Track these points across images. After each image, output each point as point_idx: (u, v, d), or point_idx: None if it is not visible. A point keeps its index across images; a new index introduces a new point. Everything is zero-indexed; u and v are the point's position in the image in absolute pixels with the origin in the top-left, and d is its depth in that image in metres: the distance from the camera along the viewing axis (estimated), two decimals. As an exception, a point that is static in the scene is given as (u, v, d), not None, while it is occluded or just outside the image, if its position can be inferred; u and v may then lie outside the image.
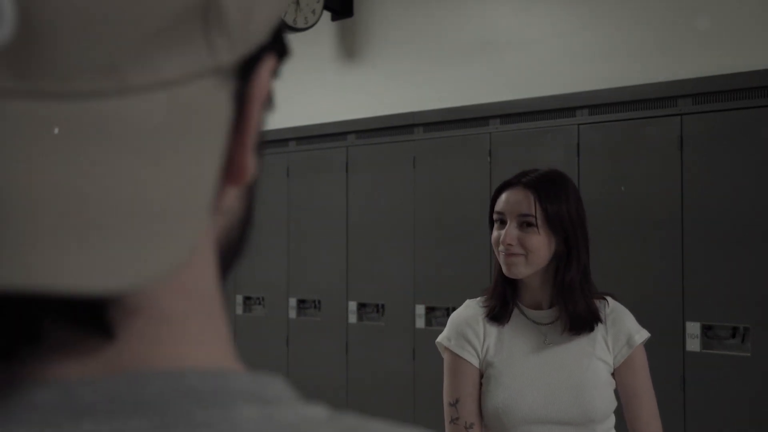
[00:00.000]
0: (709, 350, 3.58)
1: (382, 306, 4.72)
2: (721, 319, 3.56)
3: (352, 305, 4.84)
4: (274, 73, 0.44)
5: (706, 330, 3.60)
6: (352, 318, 4.84)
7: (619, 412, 2.11)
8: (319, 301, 5.05)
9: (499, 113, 4.30)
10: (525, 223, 2.05)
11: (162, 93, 0.35)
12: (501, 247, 2.06)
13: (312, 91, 5.37)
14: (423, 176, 4.58)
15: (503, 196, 2.10)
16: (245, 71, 0.40)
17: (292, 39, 5.23)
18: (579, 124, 4.00)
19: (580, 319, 2.06)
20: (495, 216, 2.11)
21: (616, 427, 2.09)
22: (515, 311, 2.11)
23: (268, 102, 0.44)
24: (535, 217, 2.04)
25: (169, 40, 0.35)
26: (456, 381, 2.07)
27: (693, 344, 3.60)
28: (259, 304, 5.43)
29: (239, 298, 5.50)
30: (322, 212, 5.05)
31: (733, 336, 3.54)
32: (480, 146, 4.34)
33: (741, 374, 3.49)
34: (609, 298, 2.13)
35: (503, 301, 2.11)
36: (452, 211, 4.44)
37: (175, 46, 0.35)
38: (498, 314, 2.09)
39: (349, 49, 5.21)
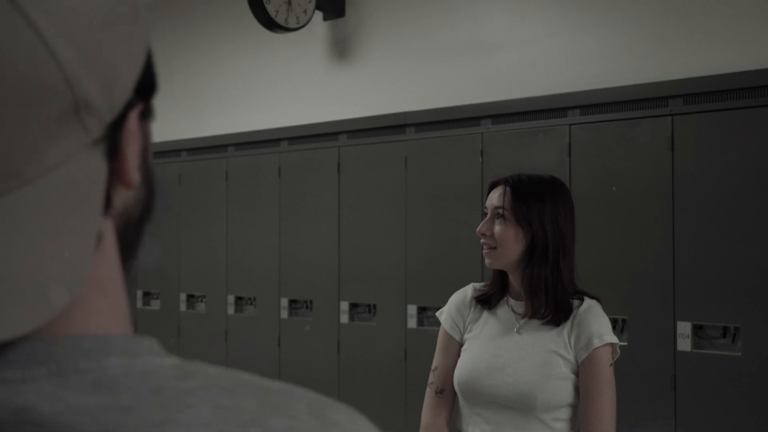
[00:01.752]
0: (699, 350, 3.59)
1: (374, 306, 4.72)
2: (711, 318, 3.57)
3: (344, 305, 4.84)
4: (146, 111, 0.57)
5: (696, 330, 3.61)
6: (344, 318, 4.84)
7: None
8: (311, 301, 5.05)
9: (491, 113, 4.30)
10: (497, 215, 2.26)
11: (50, 176, 0.48)
12: (482, 239, 2.28)
13: (303, 91, 5.36)
14: (415, 176, 4.58)
15: (491, 194, 2.32)
16: (114, 127, 0.52)
17: (284, 39, 5.23)
18: (570, 125, 4.00)
19: (544, 314, 2.22)
20: (484, 210, 2.33)
21: None
22: (503, 300, 2.31)
23: (149, 115, 0.57)
24: (504, 209, 2.24)
25: (53, 136, 0.48)
26: (440, 351, 2.35)
27: (684, 344, 3.61)
28: (251, 304, 5.42)
29: (231, 299, 5.49)
30: (314, 212, 5.05)
31: (724, 336, 3.55)
32: (472, 146, 4.34)
33: (732, 374, 3.50)
34: (587, 300, 2.23)
35: (496, 290, 2.32)
36: (444, 211, 4.44)
37: (58, 138, 0.48)
38: (486, 299, 2.32)
39: (341, 49, 5.20)
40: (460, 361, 2.29)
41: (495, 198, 2.27)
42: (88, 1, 0.49)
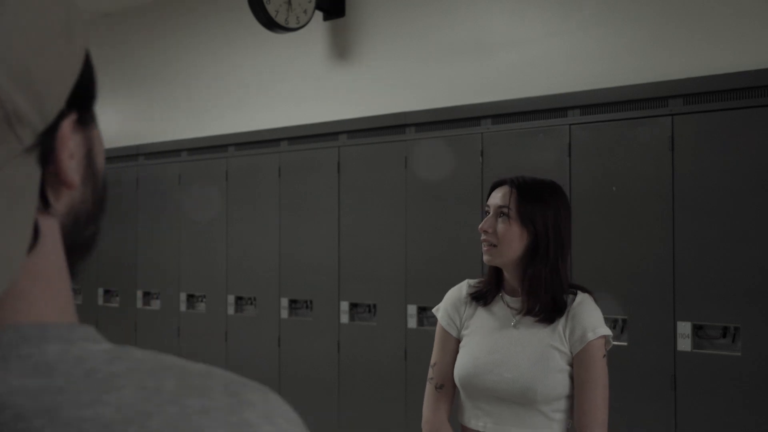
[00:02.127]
0: (699, 350, 3.59)
1: (374, 306, 4.72)
2: (711, 318, 3.57)
3: (344, 305, 4.84)
4: (86, 118, 0.63)
5: (696, 330, 3.61)
6: (344, 318, 4.84)
7: None
8: (311, 301, 5.05)
9: (491, 113, 4.30)
10: (501, 214, 2.32)
11: None
12: (482, 236, 2.33)
13: (304, 91, 5.36)
14: (415, 176, 4.58)
15: (493, 193, 2.38)
16: (47, 135, 0.58)
17: (284, 39, 5.23)
18: (570, 125, 4.01)
19: (541, 311, 2.28)
20: (485, 208, 2.39)
21: None
22: (498, 296, 2.37)
23: (90, 121, 0.63)
24: (509, 208, 2.31)
25: None
26: (438, 347, 2.41)
27: (684, 344, 3.61)
28: (251, 304, 5.42)
29: (231, 298, 5.49)
30: (314, 212, 5.05)
31: (724, 336, 3.55)
32: (472, 146, 4.34)
33: (732, 374, 3.50)
34: (580, 294, 2.32)
35: (491, 287, 2.38)
36: (444, 211, 4.44)
37: None
38: (481, 296, 2.37)
39: (341, 49, 5.20)
40: (459, 357, 2.35)
41: (499, 197, 2.33)
42: (20, 27, 0.55)
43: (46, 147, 0.58)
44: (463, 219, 4.26)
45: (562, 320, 2.27)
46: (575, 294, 2.31)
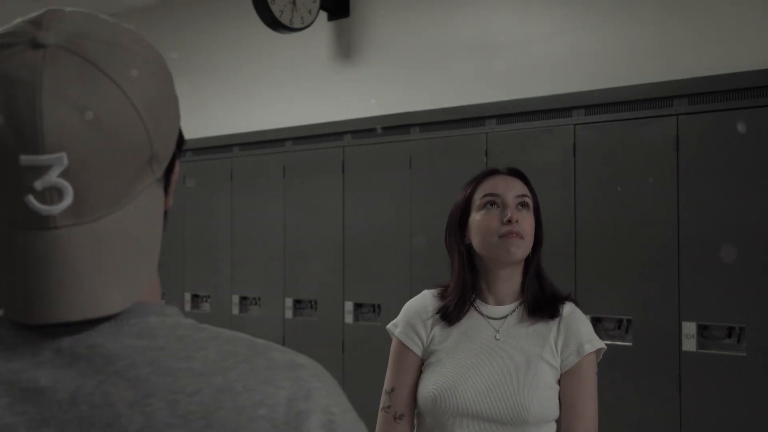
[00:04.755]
0: (705, 350, 3.59)
1: (379, 306, 4.72)
2: (717, 319, 3.56)
3: (349, 305, 4.84)
4: (179, 154, 0.85)
5: (702, 330, 3.60)
6: (348, 318, 4.84)
7: None
8: (316, 301, 5.05)
9: (496, 113, 4.30)
10: (521, 204, 2.08)
11: (132, 203, 0.77)
12: (498, 230, 2.05)
13: (308, 92, 5.36)
14: (419, 176, 4.58)
15: (493, 180, 2.13)
16: (167, 170, 0.82)
17: (289, 39, 5.23)
18: (575, 125, 4.00)
19: (544, 304, 2.06)
20: (487, 198, 2.10)
21: None
22: (470, 308, 2.09)
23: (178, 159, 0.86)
24: (531, 198, 2.10)
25: (137, 177, 0.76)
26: (396, 369, 2.12)
27: (689, 344, 3.60)
28: (256, 304, 5.43)
29: (236, 298, 5.49)
30: (319, 212, 5.05)
31: (729, 336, 3.54)
32: (476, 146, 4.34)
33: (737, 374, 3.49)
34: (568, 303, 2.09)
35: (461, 299, 2.08)
36: (448, 212, 4.43)
37: (140, 178, 0.76)
38: (451, 313, 2.08)
39: (346, 49, 5.20)
40: (428, 378, 2.05)
41: (516, 186, 2.10)
42: (157, 91, 0.77)
43: (166, 179, 0.82)
44: (468, 219, 4.26)
45: (553, 331, 2.04)
46: (563, 302, 2.09)
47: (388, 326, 2.20)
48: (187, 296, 5.80)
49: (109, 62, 0.74)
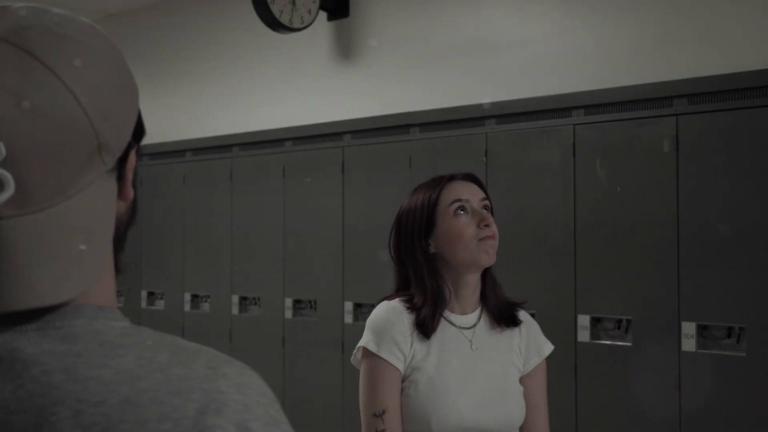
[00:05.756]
0: (704, 350, 3.59)
1: (378, 306, 4.72)
2: (716, 319, 3.56)
3: (348, 305, 4.84)
4: (138, 148, 0.83)
5: (701, 330, 3.60)
6: (348, 318, 4.84)
7: None
8: (315, 302, 5.05)
9: (495, 113, 4.30)
10: (484, 207, 2.08)
11: (82, 193, 0.74)
12: (477, 234, 2.03)
13: (308, 92, 5.36)
14: (419, 176, 4.54)
15: (456, 186, 2.10)
16: (121, 160, 0.80)
17: (289, 39, 5.23)
18: (575, 125, 4.00)
19: (506, 310, 2.08)
20: (456, 204, 2.07)
21: None
22: (440, 319, 2.05)
23: (138, 151, 0.84)
24: (490, 201, 2.10)
25: (85, 168, 0.74)
26: (383, 389, 1.99)
27: (688, 344, 3.60)
28: (255, 304, 5.43)
29: (235, 299, 5.49)
30: (318, 212, 5.05)
31: (729, 336, 3.54)
32: (476, 146, 4.34)
33: (736, 374, 3.49)
34: (518, 308, 2.13)
35: (434, 310, 2.04)
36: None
37: (87, 168, 0.75)
38: (428, 326, 2.02)
39: (345, 49, 5.20)
40: (425, 394, 1.98)
41: (478, 190, 2.10)
42: (105, 78, 0.76)
43: (119, 170, 0.80)
44: (468, 219, 4.26)
45: (516, 336, 2.07)
46: (517, 307, 2.12)
47: (364, 344, 2.08)
48: (187, 296, 5.80)
49: (48, 52, 0.74)
